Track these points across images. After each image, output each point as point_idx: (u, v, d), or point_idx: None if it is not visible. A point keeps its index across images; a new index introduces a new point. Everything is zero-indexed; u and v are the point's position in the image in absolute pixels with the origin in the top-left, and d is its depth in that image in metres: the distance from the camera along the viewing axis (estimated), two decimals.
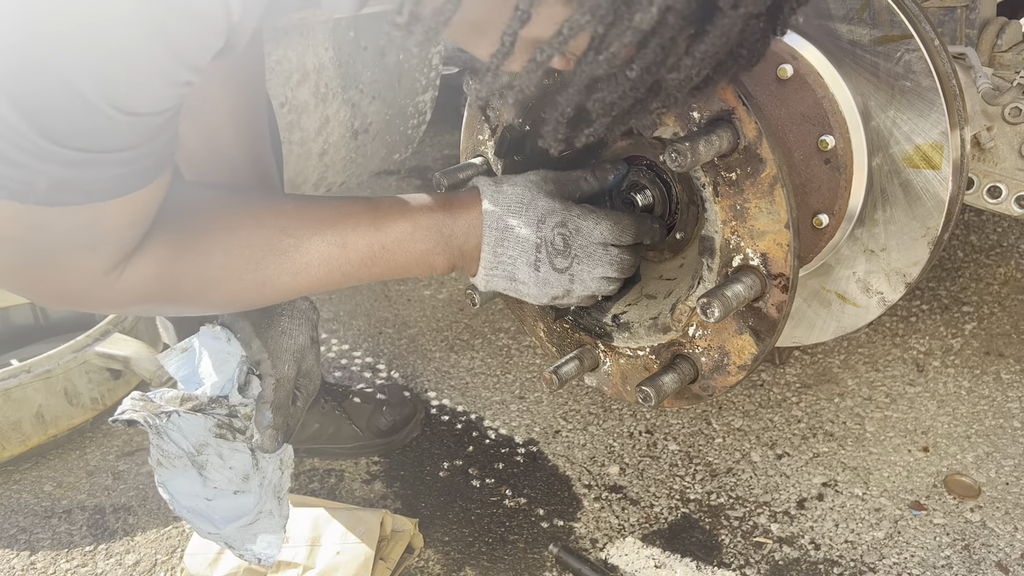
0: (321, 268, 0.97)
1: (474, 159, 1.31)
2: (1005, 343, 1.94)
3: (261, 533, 1.16)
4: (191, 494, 1.08)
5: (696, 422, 1.76)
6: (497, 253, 1.02)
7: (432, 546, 1.48)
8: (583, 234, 1.03)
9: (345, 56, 1.79)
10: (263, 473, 1.11)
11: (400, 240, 1.00)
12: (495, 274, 1.04)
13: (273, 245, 0.94)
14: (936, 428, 1.70)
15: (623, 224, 1.05)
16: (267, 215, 0.96)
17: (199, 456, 1.05)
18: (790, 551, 1.44)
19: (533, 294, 1.04)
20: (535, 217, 1.02)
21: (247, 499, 1.12)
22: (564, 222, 1.03)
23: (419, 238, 1.01)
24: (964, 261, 2.29)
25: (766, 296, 1.06)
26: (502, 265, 1.03)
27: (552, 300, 1.06)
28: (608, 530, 1.50)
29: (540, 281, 1.03)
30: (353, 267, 0.99)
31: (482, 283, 1.06)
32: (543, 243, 1.02)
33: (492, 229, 1.02)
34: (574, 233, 1.03)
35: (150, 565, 1.47)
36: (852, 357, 1.92)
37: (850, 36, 1.18)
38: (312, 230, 0.96)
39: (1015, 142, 1.39)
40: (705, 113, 1.03)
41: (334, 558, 1.33)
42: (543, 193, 1.04)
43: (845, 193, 1.22)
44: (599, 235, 1.04)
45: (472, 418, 1.81)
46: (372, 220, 0.99)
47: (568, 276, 1.04)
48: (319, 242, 0.96)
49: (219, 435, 1.07)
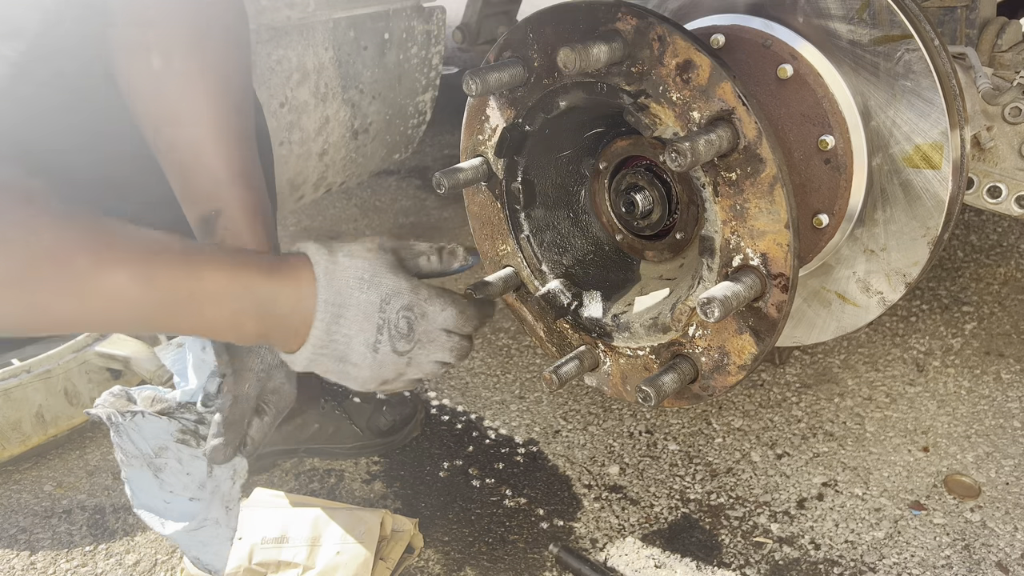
0: (116, 301, 0.83)
1: (474, 159, 1.31)
2: (1005, 343, 1.94)
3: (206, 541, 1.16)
4: (151, 494, 1.09)
5: (696, 422, 1.76)
6: (331, 331, 0.93)
7: (432, 546, 1.48)
8: (428, 319, 0.97)
9: (345, 56, 1.79)
10: (216, 481, 1.11)
11: (213, 293, 0.89)
12: (323, 353, 0.94)
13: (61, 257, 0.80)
14: (936, 428, 1.70)
15: (468, 314, 1.01)
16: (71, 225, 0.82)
17: (156, 459, 1.05)
18: (790, 551, 1.44)
19: (363, 378, 0.97)
20: (378, 296, 0.94)
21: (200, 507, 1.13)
22: (411, 306, 0.96)
23: (234, 296, 0.90)
24: (964, 261, 2.29)
25: (766, 296, 1.06)
26: (334, 344, 0.94)
27: (380, 384, 0.99)
28: (608, 530, 1.50)
29: (376, 364, 0.96)
30: (154, 309, 0.86)
31: (302, 362, 0.96)
32: (386, 325, 0.95)
33: (329, 305, 0.92)
34: (419, 318, 0.97)
35: (150, 565, 1.47)
36: (852, 357, 1.92)
37: (850, 36, 1.18)
38: (117, 255, 0.83)
39: (1015, 142, 1.39)
40: (705, 113, 1.03)
41: (334, 558, 1.33)
42: (386, 268, 0.96)
43: (845, 193, 1.22)
44: (443, 321, 0.98)
45: (472, 418, 1.81)
46: (186, 263, 0.88)
47: (407, 359, 0.97)
48: (121, 270, 0.83)
49: (181, 440, 1.06)
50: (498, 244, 1.37)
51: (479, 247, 1.41)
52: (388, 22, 1.88)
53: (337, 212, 2.85)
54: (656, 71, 1.06)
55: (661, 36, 1.04)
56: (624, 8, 1.07)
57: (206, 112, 1.05)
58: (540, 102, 1.21)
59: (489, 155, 1.29)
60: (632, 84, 1.08)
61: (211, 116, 1.06)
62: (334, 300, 0.93)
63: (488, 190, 1.34)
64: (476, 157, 1.31)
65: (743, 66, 1.23)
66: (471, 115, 1.29)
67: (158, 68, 1.02)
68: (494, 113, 1.26)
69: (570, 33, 1.13)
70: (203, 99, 1.05)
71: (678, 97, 1.05)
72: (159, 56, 1.02)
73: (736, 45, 1.24)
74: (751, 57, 1.23)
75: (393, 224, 2.74)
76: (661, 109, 1.07)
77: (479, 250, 1.41)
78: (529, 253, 1.34)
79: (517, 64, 1.19)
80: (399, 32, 1.91)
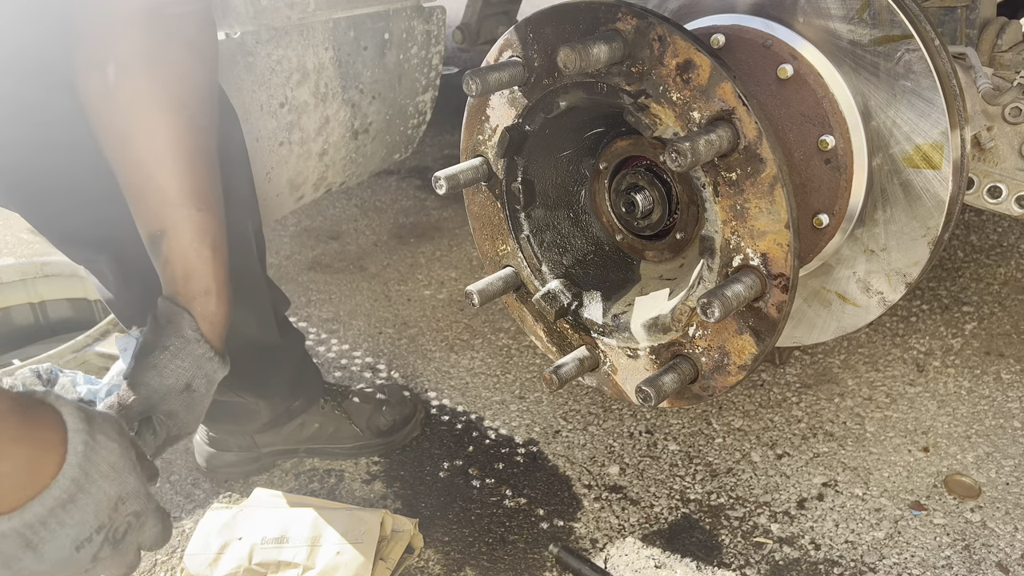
0: None
1: (474, 159, 1.31)
2: (1005, 343, 1.94)
3: None
4: None
5: (696, 422, 1.76)
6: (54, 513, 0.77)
7: (432, 546, 1.48)
8: (142, 532, 0.86)
9: (345, 56, 1.79)
10: None
11: None
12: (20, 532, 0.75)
13: None
14: (936, 428, 1.70)
15: (163, 538, 0.90)
16: None
17: None
18: (790, 551, 1.44)
19: (39, 571, 0.78)
20: (116, 494, 0.81)
21: None
22: (139, 514, 0.84)
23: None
24: (964, 261, 2.29)
25: (766, 296, 1.06)
26: (41, 528, 0.76)
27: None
28: (608, 530, 1.50)
29: (64, 562, 0.79)
30: None
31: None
32: (109, 525, 0.81)
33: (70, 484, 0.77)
34: (136, 529, 0.85)
35: (150, 565, 1.47)
36: (852, 357, 1.92)
37: (850, 36, 1.18)
38: None
39: (1015, 142, 1.39)
40: (705, 113, 1.03)
41: (334, 558, 1.33)
42: (134, 460, 0.84)
43: (845, 193, 1.23)
44: (147, 539, 0.88)
45: (472, 418, 1.81)
46: None
47: (95, 564, 0.83)
48: None
49: None
50: (498, 244, 1.37)
51: (479, 247, 1.41)
52: (388, 22, 1.88)
53: (337, 212, 2.85)
54: (656, 71, 1.06)
55: (661, 36, 1.04)
56: (624, 8, 1.07)
57: (159, 129, 1.02)
58: (540, 102, 1.21)
59: (489, 155, 1.29)
60: (632, 84, 1.09)
61: (164, 133, 1.02)
62: (77, 482, 0.77)
63: (488, 190, 1.34)
64: (476, 157, 1.31)
65: (743, 66, 1.23)
66: (471, 115, 1.30)
67: (112, 82, 0.99)
68: (494, 113, 1.26)
69: (570, 33, 1.13)
70: (156, 115, 1.02)
71: (678, 97, 1.05)
72: (114, 69, 0.99)
73: (736, 45, 1.24)
74: (751, 57, 1.23)
75: (393, 224, 2.74)
76: (661, 109, 1.07)
77: (479, 250, 1.41)
78: (529, 253, 1.34)
79: (517, 64, 1.19)
80: (399, 32, 1.92)
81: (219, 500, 1.60)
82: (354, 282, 2.39)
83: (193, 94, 1.05)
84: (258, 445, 1.63)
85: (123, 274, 1.30)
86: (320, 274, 2.44)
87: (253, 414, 1.57)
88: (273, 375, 1.55)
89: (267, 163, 1.71)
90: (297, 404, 1.62)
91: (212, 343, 1.06)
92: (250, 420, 1.58)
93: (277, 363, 1.54)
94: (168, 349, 1.02)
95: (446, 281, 2.37)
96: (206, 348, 1.05)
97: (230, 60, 1.55)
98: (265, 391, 1.55)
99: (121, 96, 1.00)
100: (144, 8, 0.99)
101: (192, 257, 1.04)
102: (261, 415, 1.58)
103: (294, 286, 2.37)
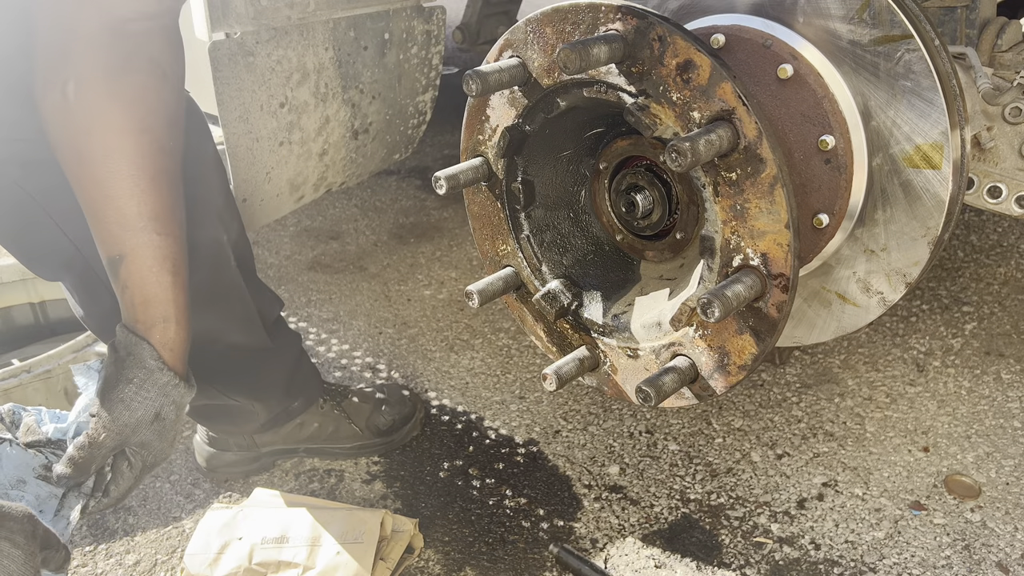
0: None
1: (474, 159, 1.31)
2: (1005, 343, 1.94)
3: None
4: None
5: (696, 422, 1.76)
6: None
7: (432, 546, 1.48)
8: None
9: (345, 56, 1.80)
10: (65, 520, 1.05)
11: None
12: None
13: None
14: (936, 428, 1.70)
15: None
16: None
17: (12, 491, 1.01)
18: (790, 551, 1.44)
19: None
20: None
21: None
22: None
23: None
24: (964, 261, 2.29)
25: (766, 296, 1.06)
26: None
27: None
28: (608, 530, 1.50)
29: None
30: None
31: None
32: None
33: None
34: None
35: (150, 565, 1.47)
36: (852, 357, 1.92)
37: (850, 36, 1.18)
38: None
39: (1015, 142, 1.39)
40: (705, 113, 1.03)
41: (334, 558, 1.33)
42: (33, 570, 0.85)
43: (845, 193, 1.23)
44: None
45: (472, 418, 1.81)
46: None
47: None
48: None
49: (43, 476, 1.03)
50: (498, 244, 1.37)
51: (479, 247, 1.41)
52: (388, 22, 1.88)
53: (337, 212, 2.85)
54: (656, 71, 1.06)
55: (661, 36, 1.04)
56: (624, 8, 1.07)
57: (118, 150, 0.99)
58: (540, 102, 1.21)
59: (489, 155, 1.29)
60: (632, 84, 1.09)
61: (123, 154, 0.99)
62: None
63: (488, 190, 1.34)
64: (476, 157, 1.31)
65: (743, 66, 1.23)
66: (471, 115, 1.30)
67: (71, 100, 0.96)
68: (494, 113, 1.26)
69: (570, 33, 1.13)
70: (115, 136, 0.99)
71: (678, 97, 1.05)
72: (73, 87, 0.96)
73: (736, 45, 1.24)
74: (751, 57, 1.23)
75: (393, 224, 2.74)
76: (661, 109, 1.07)
77: (479, 250, 1.41)
78: (529, 253, 1.34)
79: (517, 64, 1.19)
80: (399, 32, 1.92)
81: (219, 500, 1.60)
82: (354, 282, 2.39)
83: (155, 114, 1.02)
84: (258, 445, 1.63)
85: (91, 291, 1.29)
86: (320, 274, 2.44)
87: (250, 415, 1.57)
88: (266, 377, 1.54)
89: (267, 163, 1.71)
90: (296, 404, 1.62)
91: (175, 369, 1.05)
92: (247, 421, 1.58)
93: (269, 365, 1.54)
94: (132, 382, 1.02)
95: (446, 281, 2.37)
96: (170, 376, 1.04)
97: (230, 60, 1.55)
98: (260, 393, 1.54)
99: (80, 114, 0.97)
100: (106, 25, 0.96)
101: (151, 283, 1.02)
102: (258, 416, 1.57)
103: (294, 286, 2.37)
